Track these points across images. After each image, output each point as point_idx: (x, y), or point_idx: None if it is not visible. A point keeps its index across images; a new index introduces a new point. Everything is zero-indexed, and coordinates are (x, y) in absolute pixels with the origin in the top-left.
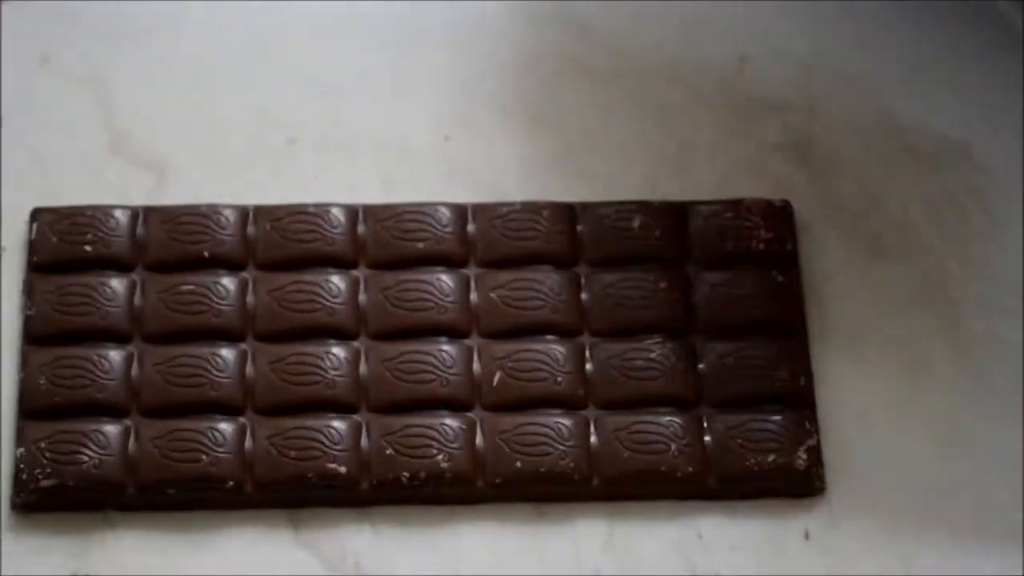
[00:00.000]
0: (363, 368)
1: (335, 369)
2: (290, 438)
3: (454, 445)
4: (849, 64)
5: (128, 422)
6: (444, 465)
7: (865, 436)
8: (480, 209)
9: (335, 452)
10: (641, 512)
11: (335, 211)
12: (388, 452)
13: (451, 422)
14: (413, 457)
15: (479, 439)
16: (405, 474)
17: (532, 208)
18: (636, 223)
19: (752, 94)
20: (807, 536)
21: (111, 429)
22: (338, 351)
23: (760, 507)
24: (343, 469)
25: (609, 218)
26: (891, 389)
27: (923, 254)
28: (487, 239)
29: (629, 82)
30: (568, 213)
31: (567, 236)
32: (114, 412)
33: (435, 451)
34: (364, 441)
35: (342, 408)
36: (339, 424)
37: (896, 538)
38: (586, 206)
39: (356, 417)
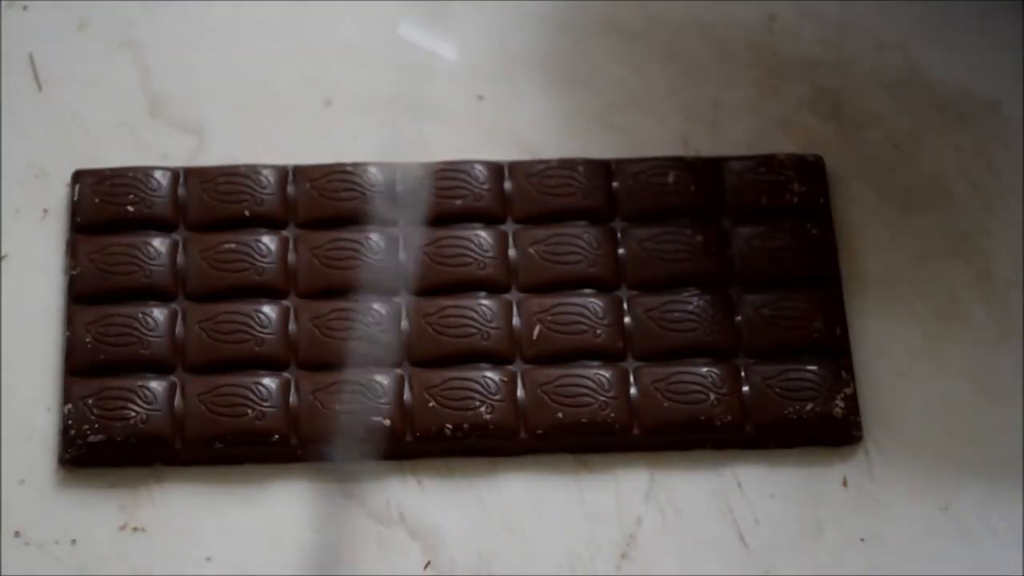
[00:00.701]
0: (404, 323)
1: (377, 324)
2: (333, 392)
3: (496, 397)
4: (878, 21)
5: (174, 378)
6: (487, 417)
7: (901, 385)
8: (516, 167)
9: (379, 405)
10: (681, 461)
11: (372, 170)
12: (431, 405)
13: (492, 375)
14: (456, 409)
15: (520, 391)
16: (448, 426)
17: (568, 165)
18: (671, 179)
19: (783, 52)
20: (845, 483)
21: (157, 386)
22: (379, 307)
23: (798, 455)
24: (387, 422)
25: (644, 174)
26: (925, 338)
27: (954, 205)
28: (524, 196)
29: (661, 41)
30: (603, 169)
31: (603, 192)
32: (160, 369)
33: (477, 403)
34: (407, 395)
35: (384, 363)
36: (382, 378)
37: (933, 484)
38: (621, 162)
39: (399, 371)
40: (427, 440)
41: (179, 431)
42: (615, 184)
